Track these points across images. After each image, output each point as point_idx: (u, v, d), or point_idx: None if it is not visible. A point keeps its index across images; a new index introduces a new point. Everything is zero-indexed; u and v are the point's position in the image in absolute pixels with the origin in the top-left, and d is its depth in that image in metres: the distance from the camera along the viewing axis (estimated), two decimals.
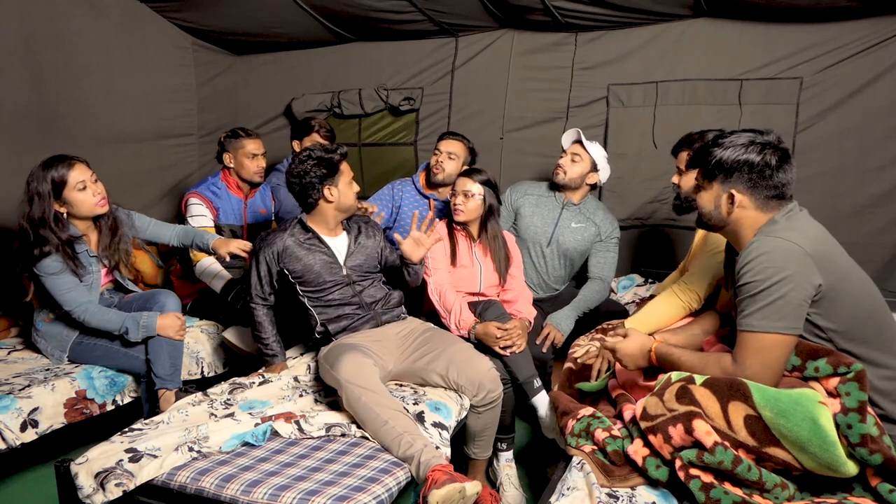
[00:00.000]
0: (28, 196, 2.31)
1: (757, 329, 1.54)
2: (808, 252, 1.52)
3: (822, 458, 1.40)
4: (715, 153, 1.66)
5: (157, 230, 2.68)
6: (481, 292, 2.70)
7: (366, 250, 2.45)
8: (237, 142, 3.04)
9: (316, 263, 2.34)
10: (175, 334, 2.42)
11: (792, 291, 1.51)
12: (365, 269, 2.43)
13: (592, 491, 1.55)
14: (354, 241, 2.44)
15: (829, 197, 3.08)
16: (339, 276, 2.37)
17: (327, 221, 2.39)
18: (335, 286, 2.37)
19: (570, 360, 2.31)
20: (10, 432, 2.10)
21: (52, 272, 2.31)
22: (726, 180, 1.65)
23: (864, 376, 1.48)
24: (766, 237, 1.57)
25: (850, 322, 1.56)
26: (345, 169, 2.37)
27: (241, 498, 1.62)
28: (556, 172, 2.88)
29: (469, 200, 2.63)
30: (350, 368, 1.99)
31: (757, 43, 3.17)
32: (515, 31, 3.66)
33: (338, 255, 2.39)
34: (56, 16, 3.14)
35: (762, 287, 1.52)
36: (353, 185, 2.40)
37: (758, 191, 1.62)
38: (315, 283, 2.34)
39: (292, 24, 3.72)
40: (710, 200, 1.71)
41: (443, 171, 2.98)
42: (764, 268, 1.53)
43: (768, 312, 1.52)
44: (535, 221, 2.93)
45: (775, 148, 1.62)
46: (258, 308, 2.41)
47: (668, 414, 1.55)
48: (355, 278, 2.40)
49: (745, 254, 1.58)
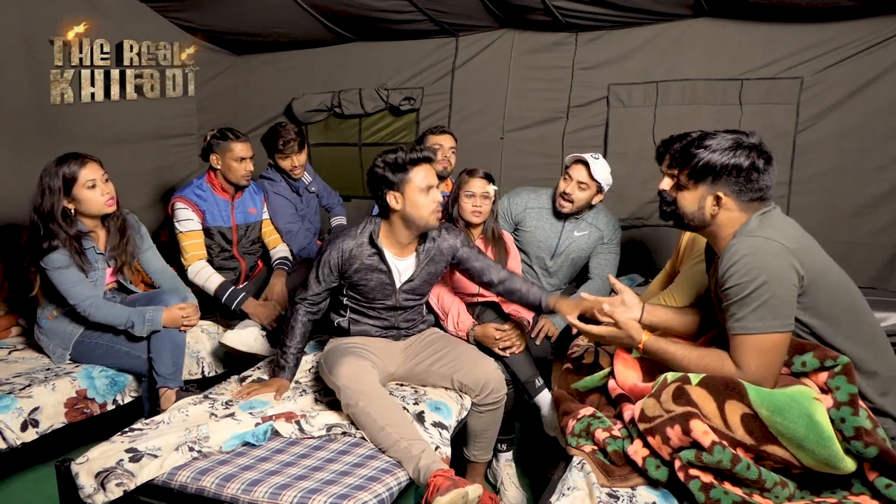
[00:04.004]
0: (40, 190, 2.34)
1: (754, 331, 1.53)
2: (788, 248, 1.53)
3: (819, 454, 1.41)
4: (702, 156, 1.65)
5: (152, 256, 2.69)
6: (480, 293, 2.70)
7: (428, 274, 2.26)
8: (225, 144, 2.96)
9: (371, 281, 2.18)
10: (181, 324, 2.44)
11: (780, 289, 1.51)
12: (418, 293, 2.28)
13: (593, 491, 1.55)
14: (422, 266, 2.23)
15: (830, 197, 3.08)
16: (389, 297, 2.23)
17: (397, 234, 2.15)
18: (382, 307, 2.26)
19: (568, 361, 2.31)
20: (10, 432, 2.10)
21: (59, 266, 2.33)
22: (714, 183, 1.64)
23: (852, 369, 1.49)
24: (746, 238, 1.57)
25: (831, 316, 1.57)
26: (415, 175, 2.05)
27: (242, 497, 1.62)
28: (563, 204, 2.77)
29: (487, 202, 2.62)
30: (348, 372, 1.96)
31: (757, 43, 3.17)
32: (516, 30, 3.66)
33: (396, 279, 2.20)
34: (56, 16, 3.14)
35: (750, 289, 1.52)
36: (433, 195, 2.07)
37: (743, 194, 1.63)
38: (363, 295, 2.23)
39: (292, 24, 3.72)
40: (694, 202, 1.70)
41: (450, 164, 3.08)
42: (749, 269, 1.52)
43: (762, 313, 1.52)
44: (538, 236, 2.90)
45: (761, 151, 1.62)
46: (300, 312, 2.22)
47: (665, 415, 1.56)
48: (403, 302, 2.26)
49: (726, 257, 1.58)
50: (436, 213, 2.09)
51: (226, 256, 3.09)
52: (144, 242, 2.66)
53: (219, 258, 3.06)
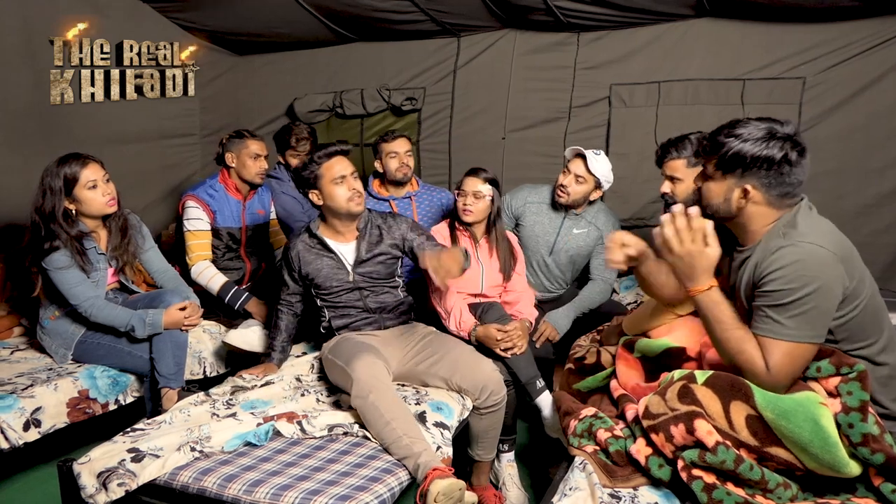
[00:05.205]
0: (41, 190, 2.35)
1: (786, 337, 1.49)
2: (839, 257, 1.48)
3: (823, 458, 1.40)
4: (732, 145, 1.53)
5: (154, 256, 2.69)
6: (482, 293, 2.70)
7: (380, 257, 2.38)
8: (241, 142, 3.03)
9: (323, 268, 2.36)
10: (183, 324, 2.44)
11: (825, 301, 1.47)
12: (376, 277, 2.39)
13: (595, 491, 1.55)
14: (366, 248, 2.36)
15: (833, 197, 3.07)
16: (345, 281, 2.37)
17: (333, 225, 2.36)
18: (343, 290, 2.38)
19: (570, 361, 2.30)
20: (12, 432, 2.10)
21: (60, 266, 2.33)
22: (743, 175, 1.55)
23: (867, 376, 1.48)
24: (797, 244, 1.49)
25: (860, 322, 1.54)
26: (326, 170, 2.27)
27: (244, 497, 1.62)
28: (559, 194, 2.78)
29: (479, 201, 2.62)
30: (365, 367, 2.00)
31: (759, 43, 3.17)
32: (518, 31, 3.66)
33: (344, 260, 2.37)
34: (56, 16, 3.14)
35: (795, 296, 1.47)
36: (347, 184, 2.26)
37: (773, 188, 1.54)
38: (324, 286, 2.38)
39: (294, 25, 3.72)
40: (720, 193, 1.60)
41: (409, 169, 3.08)
42: (799, 275, 1.47)
43: (801, 322, 1.48)
44: (537, 231, 2.89)
45: (795, 142, 1.52)
46: (282, 311, 2.48)
47: (669, 413, 1.55)
48: (363, 285, 2.38)
49: (773, 259, 1.51)
50: (353, 200, 2.27)
51: (231, 257, 3.09)
52: (146, 242, 2.66)
53: (224, 258, 3.06)
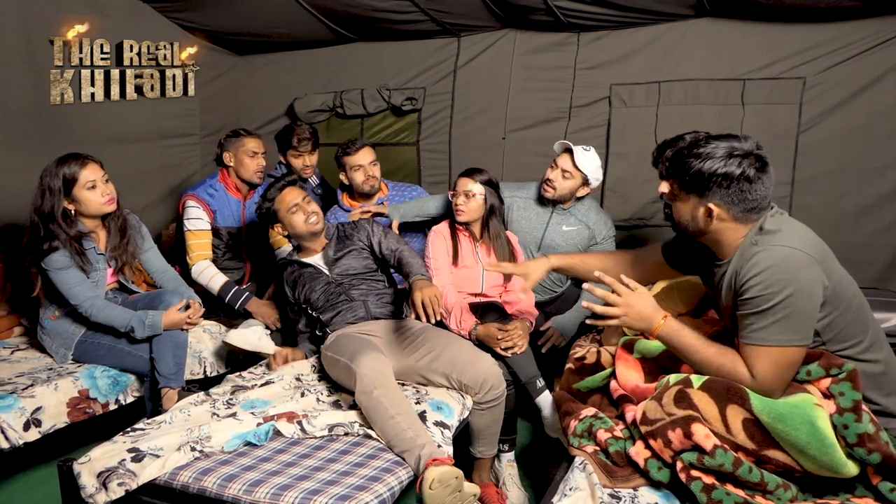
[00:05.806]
0: (40, 190, 2.35)
1: (772, 343, 1.50)
2: (814, 258, 1.49)
3: (821, 460, 1.40)
4: (692, 164, 1.56)
5: (153, 256, 2.69)
6: (483, 293, 2.70)
7: (352, 253, 2.54)
8: (238, 140, 3.04)
9: (307, 281, 2.52)
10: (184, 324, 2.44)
11: (805, 303, 1.48)
12: (353, 273, 2.52)
13: (595, 491, 1.55)
14: (335, 249, 2.55)
15: (833, 197, 3.07)
16: (326, 282, 2.50)
17: (304, 246, 2.58)
18: (327, 291, 2.48)
19: (570, 361, 2.30)
20: (13, 431, 2.10)
21: (60, 267, 2.33)
22: (704, 194, 1.57)
23: (857, 376, 1.49)
24: (771, 248, 1.51)
25: (844, 321, 1.55)
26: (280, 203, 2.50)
27: (244, 497, 1.62)
28: (546, 189, 2.77)
29: (470, 200, 2.62)
30: (369, 363, 2.02)
31: (760, 43, 3.16)
32: (518, 31, 3.65)
33: (321, 267, 2.53)
34: (56, 16, 3.13)
35: (775, 301, 1.48)
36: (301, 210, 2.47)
37: (735, 205, 1.56)
38: (312, 298, 2.51)
39: (294, 24, 3.71)
40: (687, 212, 1.64)
41: (376, 179, 3.05)
42: (775, 280, 1.47)
43: (784, 326, 1.48)
44: (523, 226, 2.88)
45: (755, 157, 1.54)
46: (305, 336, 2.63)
47: (666, 418, 1.55)
48: (342, 280, 2.50)
49: (749, 266, 1.53)
50: (310, 221, 2.48)
51: (231, 256, 3.09)
52: (145, 242, 2.66)
53: (225, 258, 3.06)
